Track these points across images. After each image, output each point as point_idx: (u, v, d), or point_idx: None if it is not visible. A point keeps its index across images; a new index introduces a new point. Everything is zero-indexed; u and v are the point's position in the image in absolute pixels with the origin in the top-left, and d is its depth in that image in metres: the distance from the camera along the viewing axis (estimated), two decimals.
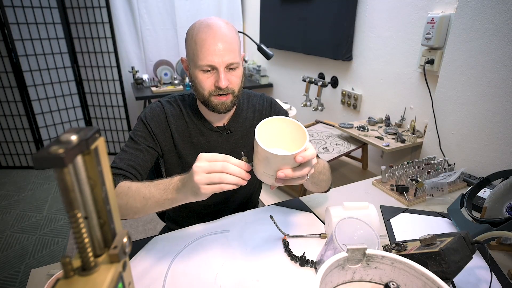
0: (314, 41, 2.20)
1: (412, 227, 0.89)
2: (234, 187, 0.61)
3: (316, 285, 0.45)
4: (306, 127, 2.02)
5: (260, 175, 0.65)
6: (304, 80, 2.25)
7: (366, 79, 1.94)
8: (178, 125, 0.92)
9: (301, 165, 0.61)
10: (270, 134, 0.66)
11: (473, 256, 0.58)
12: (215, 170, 0.59)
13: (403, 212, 0.96)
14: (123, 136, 3.08)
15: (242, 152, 0.66)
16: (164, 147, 0.92)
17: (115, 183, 0.75)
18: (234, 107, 0.96)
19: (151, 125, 0.89)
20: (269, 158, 0.59)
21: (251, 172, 0.64)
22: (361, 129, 1.67)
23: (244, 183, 0.62)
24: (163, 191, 0.68)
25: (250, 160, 0.65)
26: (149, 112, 0.91)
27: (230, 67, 0.81)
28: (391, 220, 0.92)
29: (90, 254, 0.34)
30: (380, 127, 1.71)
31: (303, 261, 0.73)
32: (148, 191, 0.70)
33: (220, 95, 0.83)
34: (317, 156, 0.95)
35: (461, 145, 1.25)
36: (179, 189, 0.66)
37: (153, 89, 2.68)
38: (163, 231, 1.16)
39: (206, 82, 0.82)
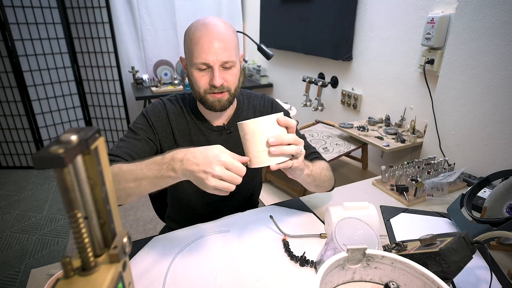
0: (314, 41, 2.20)
1: (412, 227, 0.89)
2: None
3: (316, 285, 0.45)
4: (306, 127, 2.02)
5: (257, 159, 0.65)
6: (304, 80, 2.25)
7: (366, 79, 1.94)
8: (179, 123, 0.92)
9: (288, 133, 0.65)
10: None
11: (473, 256, 0.58)
12: (227, 179, 0.60)
13: (403, 212, 0.96)
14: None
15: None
16: (164, 143, 0.92)
17: None
18: (234, 107, 0.96)
19: (152, 119, 0.89)
20: (255, 129, 0.63)
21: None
22: (361, 129, 1.67)
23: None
24: (156, 171, 0.66)
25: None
26: (151, 108, 0.91)
27: (225, 66, 0.81)
28: (391, 220, 0.92)
29: (90, 254, 0.34)
30: (380, 127, 1.71)
31: (303, 261, 0.73)
32: (141, 172, 0.67)
33: (216, 92, 0.83)
34: (321, 158, 0.95)
35: (461, 145, 1.25)
36: (177, 171, 0.63)
37: (153, 89, 2.68)
38: (163, 231, 1.16)
39: (201, 80, 0.82)
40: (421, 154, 1.47)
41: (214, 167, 0.59)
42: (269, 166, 0.65)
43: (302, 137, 0.94)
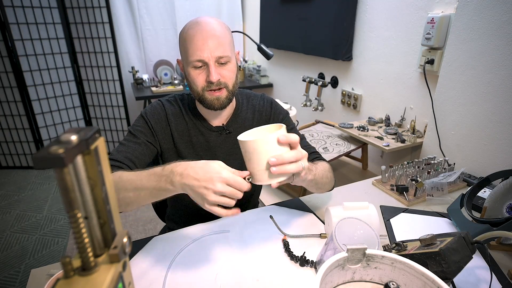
0: (314, 41, 2.20)
1: (412, 227, 0.89)
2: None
3: (316, 285, 0.45)
4: (306, 127, 2.02)
5: (257, 177, 0.64)
6: (304, 80, 2.25)
7: (366, 79, 1.94)
8: (178, 124, 0.92)
9: (291, 151, 0.63)
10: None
11: (473, 256, 0.58)
12: (229, 194, 0.60)
13: (403, 212, 0.96)
14: (123, 136, 3.07)
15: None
16: (164, 145, 0.92)
17: None
18: (233, 107, 0.95)
19: (152, 121, 0.89)
20: (255, 148, 0.61)
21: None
22: (361, 129, 1.67)
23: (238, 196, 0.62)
24: (155, 183, 0.65)
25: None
26: (150, 109, 0.91)
27: (220, 62, 0.81)
28: (391, 220, 0.92)
29: (90, 254, 0.34)
30: (380, 127, 1.71)
31: (303, 261, 0.73)
32: (140, 183, 0.67)
33: (213, 90, 0.83)
34: (321, 158, 0.95)
35: (461, 145, 1.25)
36: (175, 184, 0.63)
37: (153, 89, 2.68)
38: (163, 231, 1.16)
39: (198, 78, 0.82)
40: (421, 154, 1.47)
41: (215, 183, 0.58)
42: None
43: (302, 137, 0.94)
